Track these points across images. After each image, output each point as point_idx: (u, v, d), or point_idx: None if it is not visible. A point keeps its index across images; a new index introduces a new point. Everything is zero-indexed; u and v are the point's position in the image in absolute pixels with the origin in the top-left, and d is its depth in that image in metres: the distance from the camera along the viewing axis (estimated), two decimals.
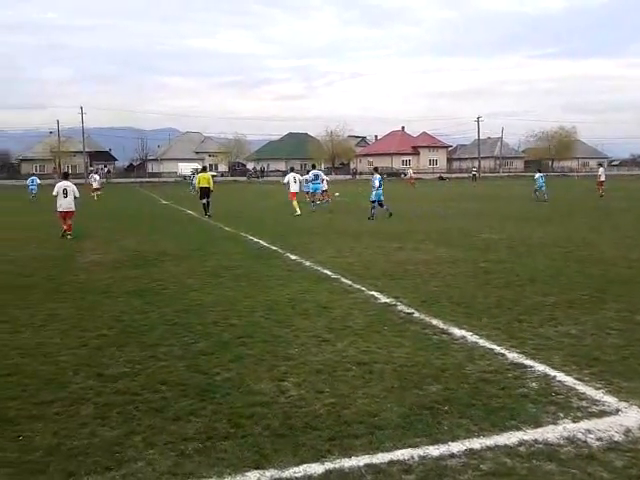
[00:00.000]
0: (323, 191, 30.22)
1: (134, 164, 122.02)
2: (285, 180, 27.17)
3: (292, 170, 29.07)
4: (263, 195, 43.86)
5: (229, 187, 52.61)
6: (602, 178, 35.82)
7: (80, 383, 5.67)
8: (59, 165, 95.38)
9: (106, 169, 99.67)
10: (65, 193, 18.08)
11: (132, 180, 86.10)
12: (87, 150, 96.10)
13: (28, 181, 43.52)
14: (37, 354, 6.55)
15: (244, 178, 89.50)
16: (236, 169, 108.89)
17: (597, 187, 36.13)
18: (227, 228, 19.80)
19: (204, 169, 27.95)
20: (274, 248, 14.79)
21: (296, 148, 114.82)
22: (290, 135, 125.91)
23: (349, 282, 10.27)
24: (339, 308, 8.41)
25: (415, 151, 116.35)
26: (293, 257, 13.29)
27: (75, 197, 18.34)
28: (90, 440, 4.53)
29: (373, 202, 23.06)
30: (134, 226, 21.44)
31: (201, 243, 16.04)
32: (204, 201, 25.02)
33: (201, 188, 25.22)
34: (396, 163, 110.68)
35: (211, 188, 25.08)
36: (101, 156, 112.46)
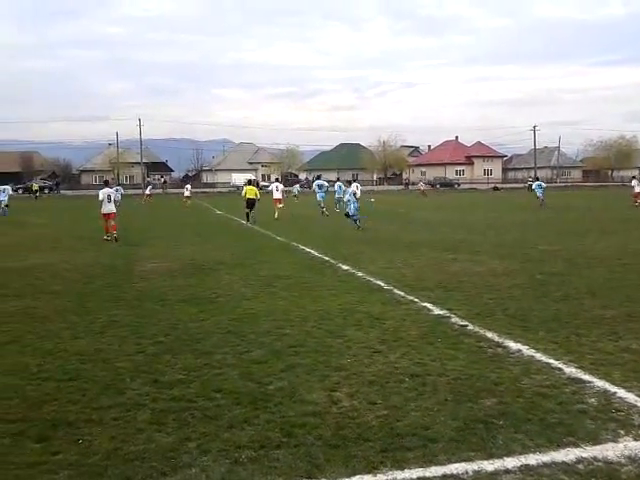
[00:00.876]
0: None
1: (189, 174, 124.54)
2: (269, 188, 30.05)
3: (277, 180, 32.85)
4: (314, 205, 44.03)
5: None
6: (637, 190, 36.31)
7: (137, 389, 5.81)
8: (117, 176, 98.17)
9: (162, 180, 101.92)
10: (109, 199, 20.55)
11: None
12: (144, 161, 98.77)
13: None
14: (96, 360, 6.74)
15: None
16: (288, 179, 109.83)
17: (633, 198, 36.34)
18: (279, 238, 19.98)
19: (249, 182, 29.25)
20: (326, 258, 14.84)
21: (348, 158, 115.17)
22: (342, 145, 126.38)
23: (402, 293, 10.23)
24: (391, 319, 8.38)
25: (469, 161, 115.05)
26: (345, 267, 13.31)
27: (115, 201, 20.82)
28: (146, 445, 4.64)
29: (350, 215, 23.08)
30: (189, 235, 21.85)
31: (254, 252, 16.23)
32: (248, 211, 26.56)
33: (248, 199, 26.63)
34: (450, 173, 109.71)
35: (257, 198, 26.54)
36: (158, 167, 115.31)
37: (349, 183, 35.95)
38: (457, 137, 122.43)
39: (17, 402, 5.54)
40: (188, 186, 52.56)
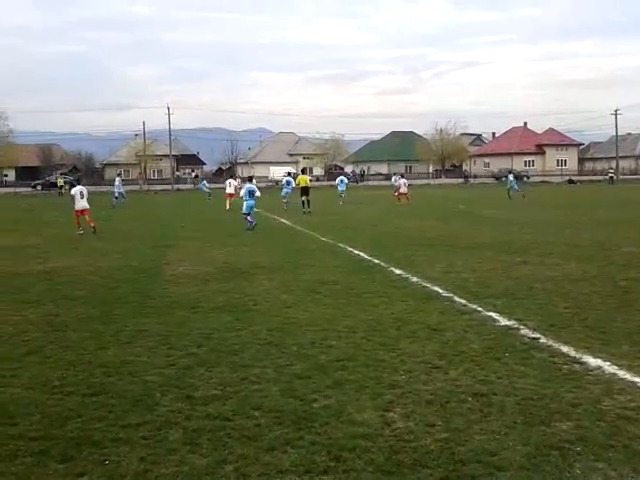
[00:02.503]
0: (402, 193, 39.45)
1: (223, 168, 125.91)
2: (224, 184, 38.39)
3: (231, 177, 40.02)
4: (364, 201, 44.01)
5: (325, 193, 53.16)
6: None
7: (168, 405, 5.92)
8: (145, 170, 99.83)
9: (194, 174, 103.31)
10: (82, 195, 23.64)
11: (222, 186, 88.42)
12: (174, 153, 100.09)
13: None
14: (123, 372, 6.89)
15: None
16: (333, 172, 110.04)
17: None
18: (323, 238, 20.05)
19: (303, 171, 33.99)
20: (376, 261, 14.84)
21: (400, 148, 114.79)
22: (393, 134, 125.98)
23: (463, 301, 10.16)
24: (452, 331, 8.34)
25: (540, 150, 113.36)
26: (398, 272, 13.30)
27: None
28: (179, 468, 4.72)
29: (245, 214, 24.16)
30: (223, 236, 22.10)
31: (295, 255, 16.34)
32: (304, 198, 31.72)
33: (302, 188, 32.60)
34: (517, 164, 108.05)
35: (309, 186, 32.33)
36: (188, 160, 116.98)
37: (402, 176, 39.51)
38: (525, 123, 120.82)
39: (38, 418, 5.69)
40: (231, 180, 49.05)
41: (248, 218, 24.05)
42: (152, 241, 20.49)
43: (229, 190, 37.73)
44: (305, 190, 32.79)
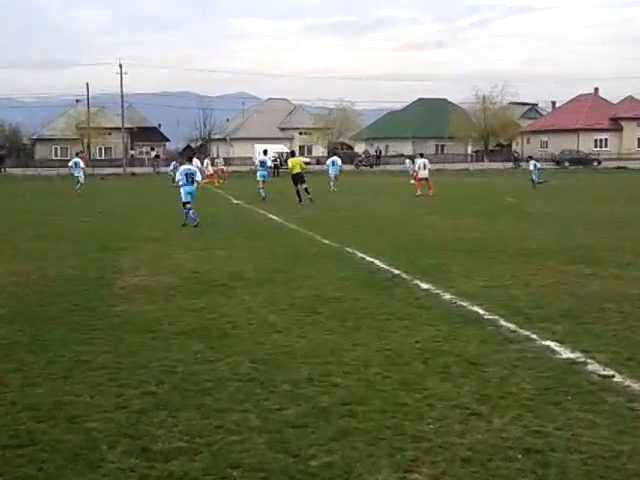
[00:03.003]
0: (422, 179, 40.16)
1: (192, 146, 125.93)
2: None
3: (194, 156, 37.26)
4: (380, 191, 44.06)
5: (325, 179, 53.18)
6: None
7: (117, 462, 5.91)
8: (88, 147, 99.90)
9: (153, 153, 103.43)
10: None
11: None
12: (127, 126, 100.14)
13: None
14: (58, 417, 6.88)
15: (351, 166, 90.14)
16: (339, 153, 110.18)
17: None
18: (326, 240, 20.05)
19: (292, 153, 34.14)
20: (396, 271, 14.84)
21: (428, 122, 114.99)
22: (420, 103, 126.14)
23: (511, 326, 10.17)
24: (496, 365, 8.35)
25: (615, 125, 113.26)
26: (424, 285, 13.30)
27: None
28: None
29: (184, 204, 24.82)
30: (193, 235, 22.14)
31: (289, 262, 16.35)
32: (299, 187, 32.98)
33: (293, 175, 33.41)
34: (585, 144, 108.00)
35: (303, 171, 33.24)
36: (147, 134, 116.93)
37: (420, 156, 40.04)
38: (596, 89, 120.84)
39: None
40: (208, 161, 54.14)
41: (191, 211, 24.51)
42: (97, 242, 20.50)
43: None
44: (299, 178, 33.78)
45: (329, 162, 46.44)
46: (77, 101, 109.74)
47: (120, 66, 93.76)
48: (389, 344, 9.32)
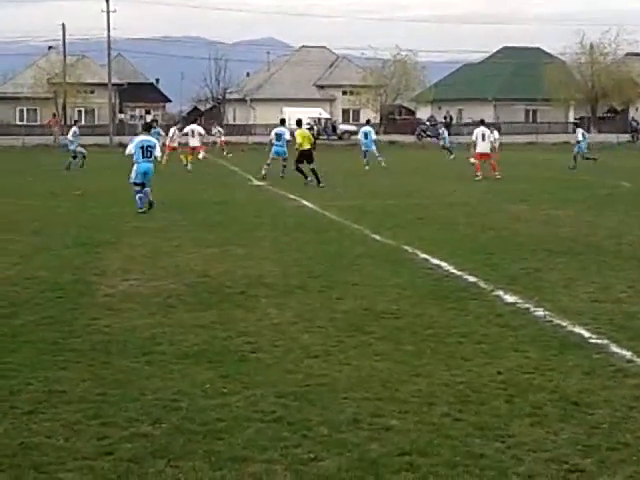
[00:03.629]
0: (483, 155, 39.62)
1: (201, 108, 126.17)
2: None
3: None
4: (450, 172, 43.87)
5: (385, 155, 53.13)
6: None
7: None
8: (64, 108, 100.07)
9: (149, 117, 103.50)
10: None
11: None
12: (115, 82, 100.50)
13: None
14: (23, 466, 6.91)
15: (411, 138, 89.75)
16: (395, 119, 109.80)
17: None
18: (377, 236, 20.01)
19: (299, 123, 37.34)
20: (471, 279, 14.82)
21: (516, 78, 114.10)
22: (505, 52, 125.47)
23: (626, 353, 10.12)
24: (605, 406, 8.29)
25: None
26: (510, 298, 13.28)
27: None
28: None
29: (135, 185, 25.70)
30: (201, 226, 22.24)
31: (327, 264, 16.38)
32: (304, 167, 34.39)
33: (301, 152, 34.51)
34: None
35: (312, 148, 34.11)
36: (140, 92, 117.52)
37: (481, 123, 39.57)
38: None
39: None
40: (195, 127, 52.58)
41: (139, 192, 25.10)
42: (74, 234, 20.65)
43: (193, 142, 45.01)
44: (307, 155, 35.10)
45: (361, 134, 47.89)
46: (50, 48, 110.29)
47: (107, 1, 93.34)
48: (461, 375, 9.28)
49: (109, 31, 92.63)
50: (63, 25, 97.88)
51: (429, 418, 7.97)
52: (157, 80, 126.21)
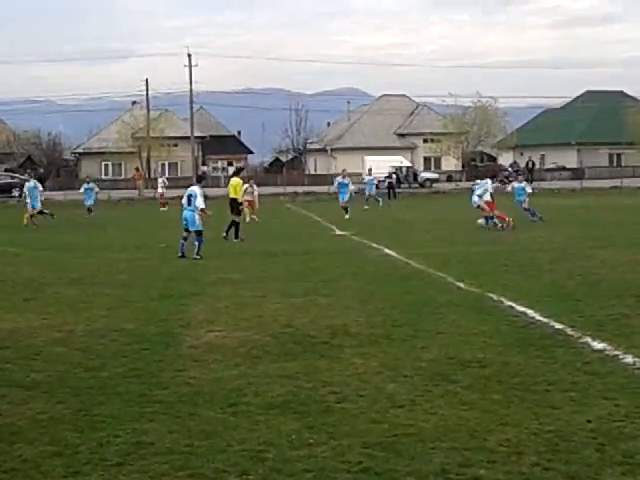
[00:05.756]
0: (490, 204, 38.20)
1: (281, 159, 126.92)
2: None
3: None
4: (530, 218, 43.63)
5: (463, 201, 52.84)
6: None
7: None
8: (147, 162, 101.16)
9: (231, 169, 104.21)
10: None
11: (280, 191, 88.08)
12: (198, 134, 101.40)
13: None
14: None
15: (495, 184, 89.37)
16: (477, 166, 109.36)
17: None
18: (461, 284, 19.91)
19: (237, 172, 39.81)
20: (558, 326, 14.68)
21: (599, 122, 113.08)
22: (588, 97, 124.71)
23: None
24: None
25: None
26: (598, 345, 13.15)
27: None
28: None
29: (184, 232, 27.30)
30: (285, 277, 22.32)
31: (412, 312, 16.33)
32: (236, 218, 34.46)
33: (230, 200, 35.00)
34: None
35: (239, 200, 35.49)
36: (224, 145, 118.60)
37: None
38: None
39: None
40: (162, 180, 57.03)
41: (180, 240, 26.82)
42: (160, 286, 20.87)
43: (247, 196, 43.62)
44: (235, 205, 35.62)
45: (480, 189, 39.34)
46: (133, 103, 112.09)
47: (189, 56, 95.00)
48: (550, 424, 9.19)
49: (191, 85, 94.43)
50: (146, 80, 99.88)
51: (518, 468, 7.91)
52: (239, 132, 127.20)
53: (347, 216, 45.25)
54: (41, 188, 48.23)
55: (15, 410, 10.27)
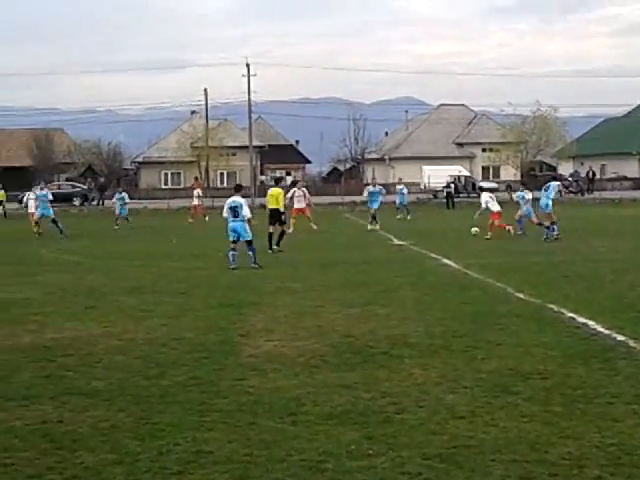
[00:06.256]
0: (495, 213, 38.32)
1: (339, 168, 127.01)
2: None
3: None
4: (596, 227, 43.29)
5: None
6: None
7: None
8: (206, 171, 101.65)
9: (289, 179, 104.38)
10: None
11: (339, 201, 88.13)
12: (256, 144, 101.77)
13: None
14: None
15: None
16: (537, 175, 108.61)
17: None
18: (521, 295, 19.78)
19: (277, 181, 38.06)
20: (620, 337, 14.55)
21: None
22: None
23: None
24: None
25: None
26: None
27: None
28: None
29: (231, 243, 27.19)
30: (343, 286, 22.30)
31: (471, 323, 16.26)
32: (272, 229, 33.44)
33: (271, 210, 33.71)
34: None
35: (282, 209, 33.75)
36: (282, 154, 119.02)
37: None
38: None
39: None
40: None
41: (232, 250, 26.62)
42: (219, 295, 20.95)
43: (298, 204, 43.95)
44: (276, 214, 33.80)
45: (545, 199, 37.33)
46: (192, 113, 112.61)
47: (247, 66, 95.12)
48: (613, 437, 9.11)
49: (250, 95, 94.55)
50: (205, 90, 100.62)
51: None
52: (297, 142, 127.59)
53: (372, 227, 45.67)
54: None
55: (76, 418, 10.35)
